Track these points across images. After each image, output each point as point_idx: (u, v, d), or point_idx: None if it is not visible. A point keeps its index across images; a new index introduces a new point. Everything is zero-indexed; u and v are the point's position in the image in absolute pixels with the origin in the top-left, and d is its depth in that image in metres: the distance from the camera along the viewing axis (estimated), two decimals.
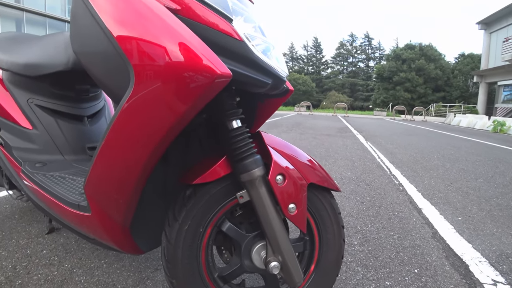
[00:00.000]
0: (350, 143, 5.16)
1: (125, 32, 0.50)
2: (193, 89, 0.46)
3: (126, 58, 0.50)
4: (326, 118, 14.86)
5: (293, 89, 0.87)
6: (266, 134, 0.75)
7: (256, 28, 0.63)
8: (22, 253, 1.27)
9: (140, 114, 0.53)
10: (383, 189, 2.39)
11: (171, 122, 0.51)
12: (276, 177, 0.66)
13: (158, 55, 0.48)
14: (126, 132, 0.57)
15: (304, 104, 23.45)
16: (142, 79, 0.49)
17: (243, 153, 0.64)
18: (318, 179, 0.76)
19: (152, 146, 0.56)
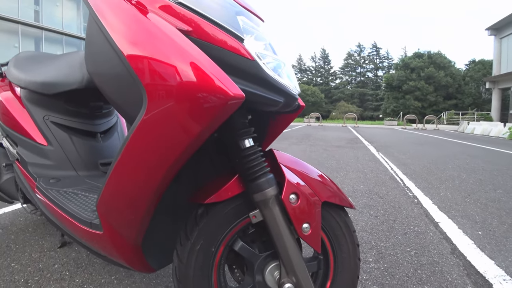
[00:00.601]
0: (362, 155, 5.09)
1: (137, 52, 0.51)
2: (206, 110, 0.46)
3: (138, 78, 0.51)
4: (336, 129, 14.77)
5: (304, 105, 0.86)
6: (278, 152, 0.74)
7: (266, 46, 0.64)
8: (35, 267, 1.29)
9: (153, 134, 0.54)
10: (397, 202, 2.33)
11: (185, 143, 0.51)
12: (290, 196, 0.65)
13: (170, 75, 0.48)
14: (140, 152, 0.57)
15: (314, 115, 23.46)
16: (154, 99, 0.50)
17: (256, 173, 0.64)
18: (331, 196, 0.75)
19: (166, 166, 0.56)
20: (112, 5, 0.58)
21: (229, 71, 0.53)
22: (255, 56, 0.57)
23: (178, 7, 0.56)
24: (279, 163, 0.69)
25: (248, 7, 0.67)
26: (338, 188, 0.80)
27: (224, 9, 0.59)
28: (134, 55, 0.52)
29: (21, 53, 1.62)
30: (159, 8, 0.56)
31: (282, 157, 0.73)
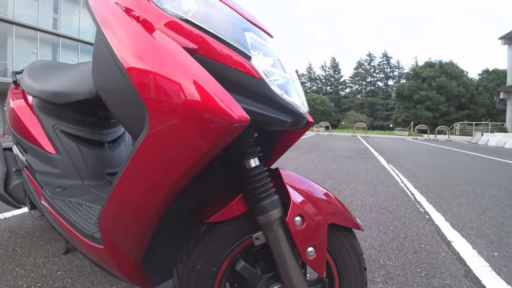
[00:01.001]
0: (371, 166, 5.00)
1: (138, 67, 0.51)
2: (209, 131, 0.45)
3: (138, 93, 0.50)
4: (345, 138, 14.64)
5: (312, 121, 0.85)
6: (284, 171, 0.72)
7: (275, 61, 0.62)
8: (38, 272, 1.30)
9: (157, 150, 0.52)
10: (408, 217, 2.26)
11: (190, 161, 0.50)
12: (295, 219, 0.63)
13: (171, 92, 0.47)
14: (145, 167, 0.56)
15: (323, 124, 23.32)
16: (155, 116, 0.50)
17: (260, 194, 0.62)
18: (338, 218, 0.72)
19: (171, 182, 0.55)
20: (118, 21, 0.58)
21: (235, 90, 0.52)
22: (262, 74, 0.55)
23: (184, 24, 0.55)
24: (285, 184, 0.67)
25: (256, 23, 0.66)
26: (345, 209, 0.77)
27: (232, 25, 0.58)
28: (136, 69, 0.51)
29: (35, 62, 1.66)
30: (164, 25, 0.56)
31: (288, 177, 0.70)
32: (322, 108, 43.71)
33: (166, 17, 0.57)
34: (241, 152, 0.63)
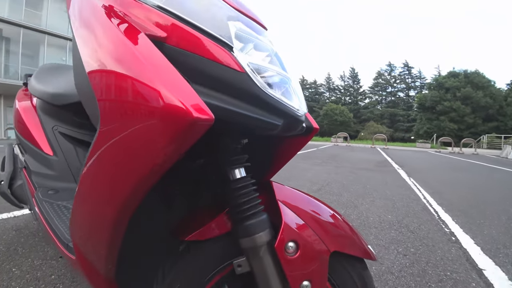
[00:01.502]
0: (391, 180, 4.73)
1: (94, 61, 0.42)
2: (163, 132, 0.35)
3: (93, 91, 0.41)
4: (364, 150, 14.20)
5: (318, 128, 0.73)
6: (277, 185, 0.61)
7: (272, 57, 0.52)
8: (33, 275, 1.30)
9: (109, 152, 0.43)
10: (431, 238, 2.05)
11: (144, 165, 0.40)
12: (287, 244, 0.51)
13: (122, 89, 0.38)
14: (99, 171, 0.47)
15: (341, 135, 22.83)
16: (104, 115, 0.41)
17: (245, 211, 0.51)
18: (345, 244, 0.59)
19: (129, 185, 0.44)
20: (84, 5, 0.50)
21: (212, 85, 0.42)
22: (246, 67, 0.45)
23: (155, 10, 0.47)
24: (277, 200, 0.55)
25: (247, 13, 0.56)
26: (354, 232, 0.64)
27: (212, 13, 0.49)
28: (93, 64, 0.43)
29: (45, 64, 1.67)
30: (132, 12, 0.47)
31: (281, 192, 0.59)
32: (341, 119, 42.97)
33: (134, 3, 0.48)
34: (224, 161, 0.53)
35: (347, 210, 2.72)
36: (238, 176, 0.52)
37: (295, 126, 0.53)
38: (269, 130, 0.48)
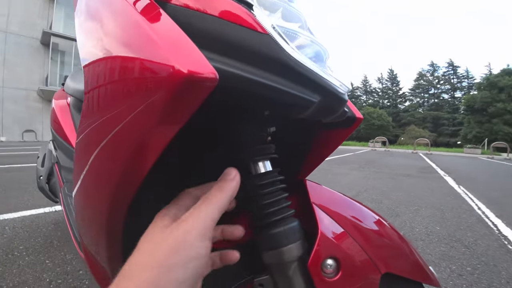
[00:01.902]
0: (437, 187, 4.30)
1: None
2: (149, 92, 0.25)
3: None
4: (404, 155, 13.30)
5: (361, 117, 0.59)
6: (312, 185, 0.48)
7: (303, 27, 0.41)
8: (63, 268, 1.34)
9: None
10: (491, 256, 1.76)
11: (133, 133, 0.30)
12: (324, 262, 0.39)
13: (108, 50, 0.30)
14: (87, 142, 0.38)
15: (379, 139, 21.65)
16: (89, 75, 0.33)
17: (269, 216, 0.40)
18: (400, 265, 0.45)
19: (119, 162, 0.35)
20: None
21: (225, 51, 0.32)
22: (269, 29, 0.34)
23: None
24: (311, 203, 0.43)
25: None
26: (411, 249, 0.50)
27: None
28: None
29: None
30: None
31: (318, 193, 0.46)
32: (379, 123, 40.93)
33: None
34: (245, 152, 0.42)
35: (388, 219, 2.47)
36: (262, 170, 0.41)
37: (336, 107, 0.40)
38: (302, 108, 0.36)
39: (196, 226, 0.27)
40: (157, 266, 0.24)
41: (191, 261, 0.26)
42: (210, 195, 0.31)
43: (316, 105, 0.37)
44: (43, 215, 2.28)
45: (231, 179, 0.33)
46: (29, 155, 6.99)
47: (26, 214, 2.27)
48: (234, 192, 0.33)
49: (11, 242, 1.70)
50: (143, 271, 0.25)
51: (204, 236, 0.27)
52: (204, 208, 0.29)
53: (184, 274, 0.25)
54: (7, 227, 1.98)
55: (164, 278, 0.24)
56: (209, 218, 0.29)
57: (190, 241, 0.26)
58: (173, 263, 0.25)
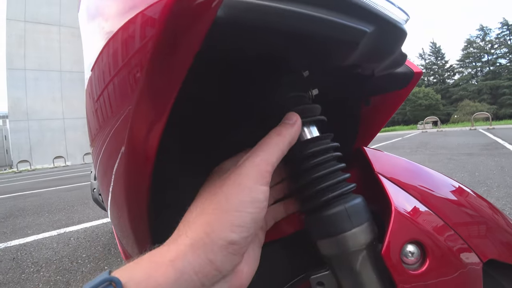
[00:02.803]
0: (509, 164, 3.76)
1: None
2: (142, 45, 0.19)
3: None
4: (461, 133, 12.02)
5: (421, 71, 0.48)
6: (374, 152, 0.38)
7: None
8: None
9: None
10: None
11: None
12: (404, 249, 0.29)
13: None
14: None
15: (429, 120, 19.82)
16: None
17: (323, 193, 0.31)
18: (505, 249, 0.34)
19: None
20: None
21: None
22: None
23: None
24: (376, 174, 0.34)
25: None
26: (510, 223, 0.37)
27: None
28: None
29: None
30: None
31: (381, 161, 0.36)
32: (426, 102, 37.72)
33: None
34: (277, 104, 0.33)
35: None
36: (308, 136, 0.33)
37: (393, 42, 0.30)
38: (350, 46, 0.27)
39: (252, 170, 0.26)
40: (215, 211, 0.24)
41: (248, 206, 0.25)
42: (268, 138, 0.28)
43: (368, 41, 0.28)
44: (102, 225, 2.43)
45: (291, 124, 0.30)
46: (88, 175, 7.69)
47: (87, 226, 2.45)
48: (294, 138, 0.30)
49: (76, 251, 1.82)
50: (203, 215, 0.25)
51: (261, 180, 0.26)
52: (261, 153, 0.27)
53: (240, 218, 0.24)
54: (72, 238, 2.15)
55: (221, 221, 0.24)
56: (266, 162, 0.27)
57: (247, 184, 0.25)
58: (229, 207, 0.24)
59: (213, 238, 0.23)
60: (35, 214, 3.16)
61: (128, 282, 0.21)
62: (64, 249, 1.92)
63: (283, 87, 0.32)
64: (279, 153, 0.28)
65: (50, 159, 17.57)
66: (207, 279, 0.23)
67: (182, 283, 0.22)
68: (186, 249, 0.23)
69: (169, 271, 0.22)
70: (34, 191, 5.36)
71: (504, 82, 37.45)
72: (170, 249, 0.23)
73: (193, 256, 0.23)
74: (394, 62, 0.36)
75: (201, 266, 0.22)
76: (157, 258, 0.23)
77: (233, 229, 0.24)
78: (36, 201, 4.13)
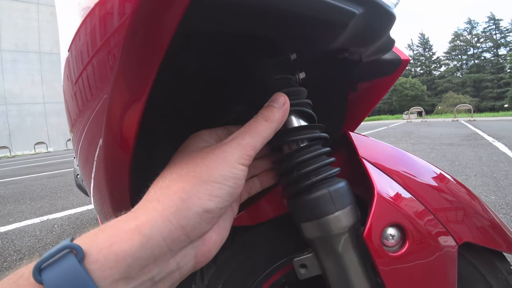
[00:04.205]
0: (486, 154, 3.91)
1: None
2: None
3: None
4: (444, 124, 12.38)
5: (408, 59, 0.49)
6: (359, 136, 0.38)
7: None
8: None
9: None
10: None
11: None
12: (385, 232, 0.30)
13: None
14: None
15: (415, 110, 20.21)
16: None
17: (308, 176, 0.31)
18: (479, 233, 0.35)
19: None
20: None
21: None
22: None
23: None
24: (361, 158, 0.34)
25: None
26: (489, 213, 0.39)
27: None
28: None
29: None
30: None
31: (366, 146, 0.36)
32: (413, 93, 38.44)
33: None
34: (269, 95, 0.32)
35: None
36: (295, 124, 0.32)
37: (381, 26, 0.30)
38: (338, 27, 0.27)
39: (237, 151, 0.27)
40: (193, 179, 0.24)
41: (228, 180, 0.25)
42: (255, 123, 0.29)
43: (357, 23, 0.27)
44: (87, 212, 2.40)
45: (278, 108, 0.29)
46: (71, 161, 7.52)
47: (71, 212, 2.41)
48: (280, 123, 0.30)
49: (60, 238, 1.80)
50: (179, 182, 0.25)
51: (243, 161, 0.27)
52: (247, 137, 0.28)
53: (219, 191, 0.25)
54: (55, 225, 2.11)
55: (199, 190, 0.24)
56: (250, 146, 0.27)
57: (230, 161, 0.26)
58: (209, 178, 0.25)
59: (188, 205, 0.23)
60: (17, 202, 3.07)
61: (89, 249, 0.20)
62: (48, 236, 1.89)
63: (270, 68, 0.32)
64: (264, 140, 0.28)
65: (31, 145, 16.98)
66: (175, 244, 0.23)
67: (148, 249, 0.21)
68: (156, 214, 0.22)
69: (134, 236, 0.21)
70: (15, 178, 5.20)
71: (487, 76, 38.52)
72: (139, 215, 0.23)
73: (163, 221, 0.22)
74: (382, 47, 0.36)
75: (170, 231, 0.22)
76: (123, 224, 0.22)
77: (211, 198, 0.24)
78: (17, 188, 4.01)
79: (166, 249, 0.22)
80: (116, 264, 0.20)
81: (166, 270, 0.23)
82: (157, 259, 0.22)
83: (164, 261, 0.23)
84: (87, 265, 0.19)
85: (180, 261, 0.24)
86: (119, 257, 0.20)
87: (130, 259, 0.21)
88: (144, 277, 0.22)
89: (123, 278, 0.20)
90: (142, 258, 0.21)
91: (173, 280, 0.24)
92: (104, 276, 0.20)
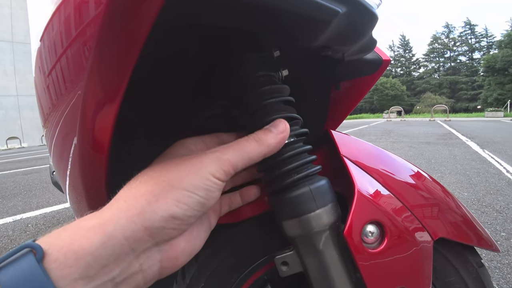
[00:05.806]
0: (460, 153, 4.10)
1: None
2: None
3: None
4: (422, 123, 12.85)
5: (389, 59, 0.50)
6: (340, 135, 0.39)
7: None
8: None
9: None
10: None
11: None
12: (364, 229, 0.31)
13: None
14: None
15: (394, 109, 20.85)
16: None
17: (289, 174, 0.31)
18: (453, 229, 0.37)
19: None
20: None
21: None
22: None
23: None
24: (342, 157, 0.34)
25: None
26: (461, 210, 0.41)
27: None
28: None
29: None
30: None
31: (347, 144, 0.37)
32: (393, 93, 39.58)
33: None
34: (251, 94, 0.32)
35: None
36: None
37: (363, 26, 0.30)
38: (321, 25, 0.27)
39: (214, 164, 0.25)
40: (163, 183, 0.24)
41: (199, 190, 0.25)
42: (245, 141, 0.28)
43: (340, 21, 0.27)
44: (64, 210, 2.31)
45: (275, 134, 0.28)
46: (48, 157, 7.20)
47: (47, 211, 2.31)
48: (273, 150, 0.28)
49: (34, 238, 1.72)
50: (148, 185, 0.24)
51: (220, 176, 0.25)
52: (230, 153, 0.26)
53: (188, 199, 0.24)
54: (30, 224, 2.02)
55: (167, 195, 0.23)
56: (230, 163, 0.26)
57: (204, 173, 0.25)
58: (179, 185, 0.24)
59: (154, 208, 0.23)
60: None
61: (50, 248, 0.20)
62: (21, 236, 1.80)
63: (253, 65, 0.32)
64: (247, 161, 0.27)
65: (3, 140, 16.10)
66: (137, 244, 0.22)
67: (109, 247, 0.21)
68: (120, 213, 0.22)
69: (96, 235, 0.21)
70: None
71: (462, 78, 40.29)
72: (103, 214, 0.23)
73: (127, 221, 0.22)
74: (364, 47, 0.36)
75: (134, 231, 0.22)
76: (86, 222, 0.22)
77: (178, 205, 0.24)
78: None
79: (128, 248, 0.22)
80: (76, 262, 0.20)
81: (128, 271, 0.22)
82: (118, 259, 0.21)
83: (125, 261, 0.22)
84: (46, 265, 0.19)
85: (143, 263, 0.23)
86: (78, 255, 0.20)
87: (89, 257, 0.20)
88: (104, 277, 0.21)
89: (82, 277, 0.20)
90: (103, 256, 0.21)
91: (135, 282, 0.23)
92: (62, 275, 0.19)
